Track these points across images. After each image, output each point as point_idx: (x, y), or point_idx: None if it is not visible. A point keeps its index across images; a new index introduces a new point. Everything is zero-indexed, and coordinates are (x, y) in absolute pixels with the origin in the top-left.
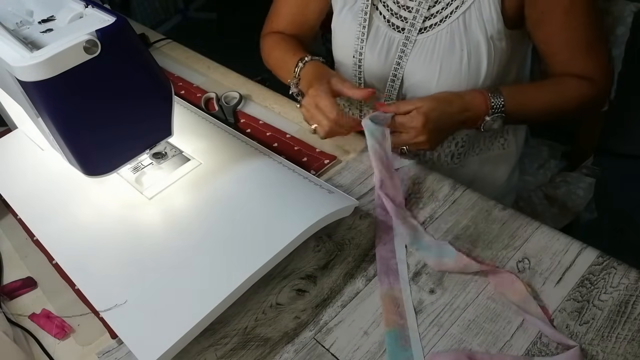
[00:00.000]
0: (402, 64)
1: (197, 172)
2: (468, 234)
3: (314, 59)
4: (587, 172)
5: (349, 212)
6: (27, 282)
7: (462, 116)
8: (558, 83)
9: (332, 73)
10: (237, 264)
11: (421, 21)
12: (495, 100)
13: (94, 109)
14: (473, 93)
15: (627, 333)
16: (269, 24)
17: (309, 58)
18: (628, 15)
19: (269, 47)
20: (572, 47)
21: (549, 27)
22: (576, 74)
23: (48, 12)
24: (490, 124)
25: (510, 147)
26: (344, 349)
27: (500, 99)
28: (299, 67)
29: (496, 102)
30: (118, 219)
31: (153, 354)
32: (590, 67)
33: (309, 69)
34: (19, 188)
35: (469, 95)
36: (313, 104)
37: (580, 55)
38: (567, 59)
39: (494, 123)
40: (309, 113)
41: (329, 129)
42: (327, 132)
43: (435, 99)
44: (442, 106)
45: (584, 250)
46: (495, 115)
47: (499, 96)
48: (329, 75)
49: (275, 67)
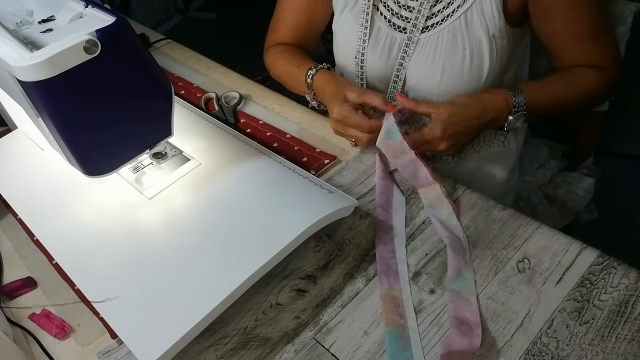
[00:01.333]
0: (404, 64)
1: (197, 172)
2: (468, 234)
3: (319, 69)
4: (587, 172)
5: (349, 212)
6: (27, 282)
7: (483, 119)
8: (569, 74)
9: (346, 85)
10: (237, 264)
11: (423, 21)
12: (517, 98)
13: (94, 109)
14: (492, 95)
15: (627, 333)
16: (272, 34)
17: (314, 70)
18: (628, 15)
19: (274, 59)
20: (579, 39)
21: (554, 22)
22: (585, 65)
23: (48, 12)
24: (513, 122)
25: (510, 145)
26: (344, 349)
27: (522, 97)
28: (308, 81)
29: (518, 100)
30: (118, 219)
31: (153, 354)
32: (599, 56)
33: (319, 83)
34: (19, 188)
35: (487, 97)
36: (343, 126)
37: (588, 47)
38: (576, 51)
39: (517, 121)
40: (343, 134)
41: (368, 139)
42: (366, 142)
43: (453, 104)
44: (460, 111)
45: (584, 250)
46: (518, 114)
47: (519, 94)
48: (345, 89)
49: (283, 80)
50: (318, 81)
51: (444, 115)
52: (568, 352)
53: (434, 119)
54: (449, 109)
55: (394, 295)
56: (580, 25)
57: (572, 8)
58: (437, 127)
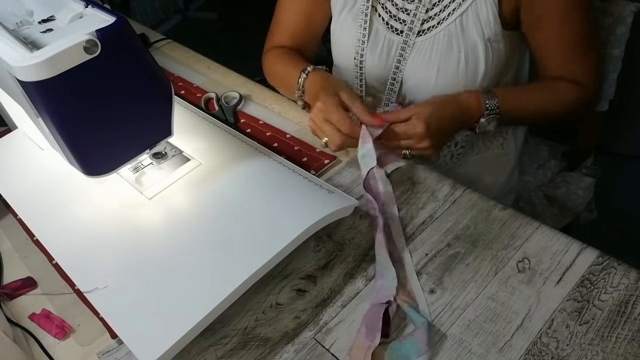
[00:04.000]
0: (400, 67)
1: (197, 172)
2: (468, 234)
3: (316, 68)
4: (587, 172)
5: (349, 212)
6: (27, 282)
7: (460, 119)
8: (550, 86)
9: (340, 84)
10: (237, 263)
11: (419, 24)
12: (490, 101)
13: (94, 109)
14: (467, 95)
15: (627, 333)
16: (271, 38)
17: (310, 68)
18: (628, 16)
19: (271, 63)
20: (565, 52)
21: (544, 31)
22: (567, 78)
23: (48, 12)
24: (485, 125)
25: (510, 147)
26: (344, 349)
27: (495, 100)
28: (302, 79)
29: (490, 103)
30: (118, 219)
31: (153, 354)
32: (581, 72)
33: (313, 80)
34: (19, 188)
35: (464, 96)
36: (322, 118)
37: (573, 61)
38: (560, 63)
39: (488, 124)
40: (318, 127)
41: (341, 142)
42: (339, 145)
43: (433, 103)
44: (439, 109)
45: (584, 250)
46: (489, 117)
47: (492, 97)
48: (337, 86)
49: (278, 82)
50: (313, 77)
51: (425, 113)
52: (568, 352)
53: (415, 117)
54: (430, 107)
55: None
56: (569, 37)
57: (563, 19)
58: (419, 124)
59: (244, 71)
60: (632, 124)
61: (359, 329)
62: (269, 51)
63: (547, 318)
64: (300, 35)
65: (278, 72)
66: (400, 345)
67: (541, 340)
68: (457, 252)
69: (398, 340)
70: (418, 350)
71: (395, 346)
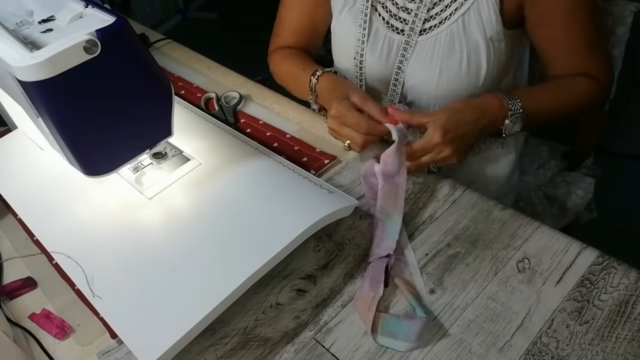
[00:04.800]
0: (402, 67)
1: (197, 172)
2: (468, 234)
3: (325, 71)
4: (587, 172)
5: (349, 212)
6: (27, 282)
7: (480, 123)
8: (566, 82)
9: (349, 86)
10: (237, 263)
11: (421, 24)
12: (512, 102)
13: (94, 109)
14: (487, 99)
15: (627, 333)
16: (275, 38)
17: (320, 72)
18: (628, 15)
19: (277, 64)
20: (574, 48)
21: (549, 28)
22: (580, 74)
23: (48, 12)
24: (510, 126)
25: (510, 147)
26: (344, 349)
27: (517, 101)
28: (312, 83)
29: (513, 103)
30: (118, 219)
31: (153, 354)
32: (593, 66)
33: (322, 86)
34: (19, 188)
35: (482, 101)
36: (339, 124)
37: (582, 56)
38: (570, 59)
39: (514, 125)
40: (337, 132)
41: (363, 141)
42: (361, 144)
43: (449, 109)
44: (456, 115)
45: (584, 250)
46: (514, 117)
47: (514, 98)
48: (347, 89)
49: (288, 84)
50: (323, 82)
51: (441, 120)
52: (568, 352)
53: (431, 125)
54: (446, 113)
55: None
56: (575, 32)
57: (568, 15)
58: (436, 133)
59: (244, 71)
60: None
61: (363, 282)
62: (274, 52)
63: (547, 318)
64: (305, 35)
65: (286, 73)
66: (395, 322)
67: (541, 340)
68: (457, 252)
69: (397, 316)
70: (406, 336)
71: (390, 320)
